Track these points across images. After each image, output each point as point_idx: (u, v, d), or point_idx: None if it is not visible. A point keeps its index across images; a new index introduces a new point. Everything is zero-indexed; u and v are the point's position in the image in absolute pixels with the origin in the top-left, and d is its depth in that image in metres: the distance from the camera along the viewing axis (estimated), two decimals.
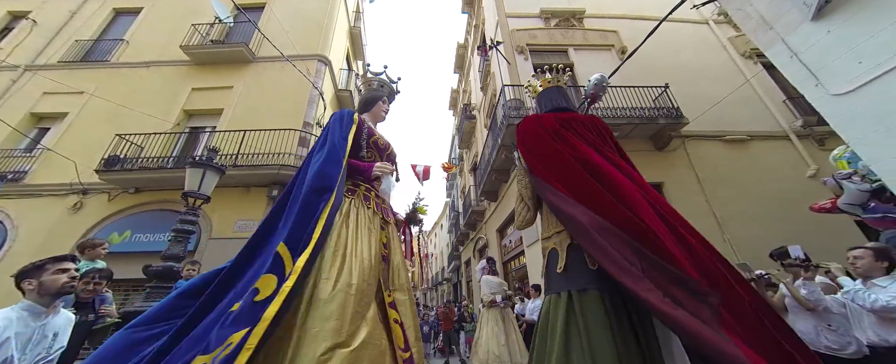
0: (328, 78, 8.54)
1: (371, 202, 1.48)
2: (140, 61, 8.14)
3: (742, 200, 5.55)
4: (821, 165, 5.77)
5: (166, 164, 6.27)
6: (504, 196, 8.06)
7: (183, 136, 7.17)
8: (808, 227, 5.04)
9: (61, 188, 6.44)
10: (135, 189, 6.41)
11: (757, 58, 7.29)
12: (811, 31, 1.76)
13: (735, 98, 6.31)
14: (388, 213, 1.58)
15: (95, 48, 8.49)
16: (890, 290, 1.79)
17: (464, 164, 14.23)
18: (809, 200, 3.58)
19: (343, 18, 10.28)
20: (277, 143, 6.41)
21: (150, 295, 3.14)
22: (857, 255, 2.00)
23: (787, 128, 6.37)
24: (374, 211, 1.47)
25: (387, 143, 1.71)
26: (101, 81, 7.70)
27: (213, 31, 8.28)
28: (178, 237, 3.36)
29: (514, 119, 5.78)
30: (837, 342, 2.07)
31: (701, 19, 8.04)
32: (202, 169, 3.54)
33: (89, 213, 6.30)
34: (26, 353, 1.23)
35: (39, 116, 7.58)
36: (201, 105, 7.58)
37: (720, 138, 6.32)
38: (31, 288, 1.31)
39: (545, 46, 7.73)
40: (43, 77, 7.63)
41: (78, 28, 8.79)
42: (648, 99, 6.18)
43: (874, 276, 1.91)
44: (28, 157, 6.88)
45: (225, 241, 5.90)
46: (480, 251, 11.68)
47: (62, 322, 1.39)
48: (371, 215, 1.43)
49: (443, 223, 23.53)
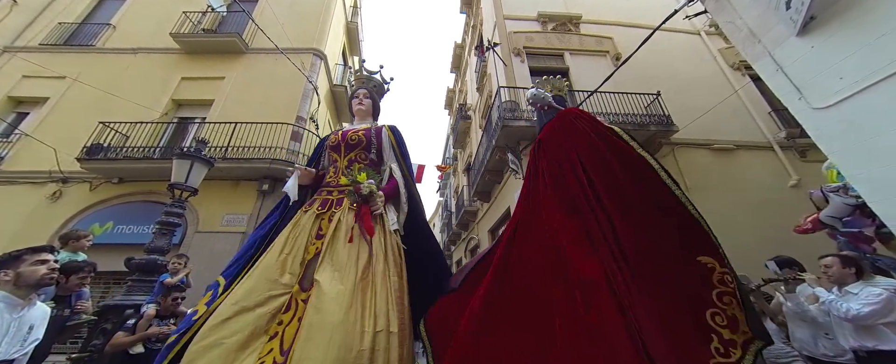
0: (323, 72, 8.43)
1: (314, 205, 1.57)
2: (127, 47, 7.89)
3: (727, 208, 5.70)
4: (802, 176, 5.97)
5: (152, 154, 6.09)
6: (497, 197, 8.11)
7: (171, 126, 6.98)
8: (791, 235, 5.22)
9: (40, 175, 6.20)
10: (118, 179, 6.21)
11: (745, 70, 7.50)
12: (796, 46, 1.82)
13: (723, 108, 6.49)
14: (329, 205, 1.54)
15: (80, 31, 8.19)
16: (861, 297, 1.86)
17: (458, 163, 14.25)
18: (791, 210, 3.71)
19: (340, 13, 10.16)
20: (269, 136, 6.30)
21: (132, 288, 3.06)
22: (827, 263, 2.07)
23: (772, 139, 6.58)
24: (314, 212, 1.52)
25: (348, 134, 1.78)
26: (85, 66, 7.42)
27: (205, 19, 8.07)
28: (163, 230, 3.28)
29: (510, 121, 5.82)
30: (834, 350, 2.11)
31: (693, 30, 8.23)
32: (190, 160, 3.46)
33: (69, 203, 6.08)
34: (1, 346, 1.19)
35: (18, 100, 7.27)
36: (191, 95, 7.39)
37: (708, 146, 6.48)
38: (7, 279, 1.26)
39: (542, 50, 7.79)
40: (23, 59, 7.33)
41: (61, 10, 8.47)
42: (640, 106, 6.30)
43: (847, 282, 1.98)
44: (4, 143, 6.60)
45: (212, 234, 5.77)
46: (472, 251, 11.73)
47: (38, 315, 1.34)
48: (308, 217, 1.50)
49: (435, 222, 23.53)
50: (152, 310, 2.70)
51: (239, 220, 5.93)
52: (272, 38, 6.40)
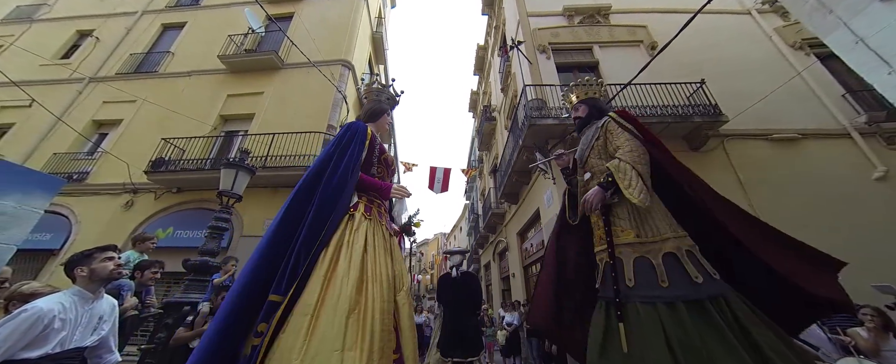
0: (351, 82, 8.82)
1: (383, 218, 1.55)
2: (183, 71, 8.85)
3: (792, 206, 5.02)
4: (890, 167, 5.10)
5: (204, 165, 6.73)
6: (525, 198, 7.87)
7: (219, 139, 7.69)
8: (875, 234, 4.46)
9: (116, 187, 7.12)
10: (177, 189, 6.94)
11: (809, 48, 6.62)
12: (881, 13, 1.54)
13: (783, 93, 5.75)
14: (390, 225, 1.64)
15: (146, 60, 9.34)
16: None
17: (483, 166, 14.10)
18: (876, 205, 3.16)
19: (366, 24, 10.60)
20: (303, 144, 6.69)
21: (189, 287, 3.37)
22: None
23: (848, 125, 5.70)
24: (385, 227, 1.54)
25: (392, 159, 1.80)
26: (150, 90, 8.45)
27: (246, 41, 8.83)
28: (214, 234, 3.58)
29: (536, 119, 5.63)
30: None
31: (742, 9, 7.45)
32: (235, 170, 3.75)
33: (139, 211, 6.91)
34: (76, 334, 1.34)
35: (100, 123, 8.44)
36: (235, 110, 8.10)
37: (765, 137, 5.78)
38: (83, 275, 1.44)
39: (568, 45, 7.49)
40: (103, 87, 8.51)
41: (132, 42, 9.74)
42: (682, 96, 5.78)
43: None
44: (90, 160, 7.68)
45: (255, 238, 6.22)
46: (500, 254, 11.48)
47: (107, 307, 1.51)
48: (382, 231, 1.49)
49: (462, 226, 23.42)
50: (206, 307, 2.95)
51: None
52: (305, 52, 6.82)
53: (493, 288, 12.42)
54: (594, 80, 1.93)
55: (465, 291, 4.05)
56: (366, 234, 1.38)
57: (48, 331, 1.25)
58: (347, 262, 1.25)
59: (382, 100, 1.88)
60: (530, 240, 8.10)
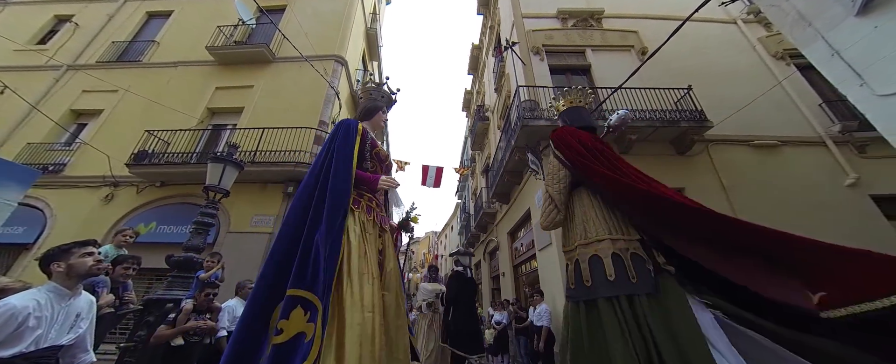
0: (344, 78, 8.70)
1: (372, 213, 1.54)
2: (169, 61, 8.56)
3: (771, 209, 5.23)
4: (861, 174, 5.36)
5: (190, 159, 6.54)
6: (516, 198, 7.94)
7: (206, 132, 7.48)
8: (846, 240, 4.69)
9: (95, 180, 6.85)
10: (161, 183, 6.72)
11: (790, 59, 6.89)
12: (855, 28, 1.62)
13: (765, 101, 5.98)
14: (385, 221, 1.63)
15: (130, 49, 9.00)
16: None
17: (476, 165, 14.15)
18: (847, 211, 3.33)
19: (360, 20, 10.47)
20: (294, 140, 6.57)
21: (172, 283, 3.28)
22: None
23: (823, 133, 5.97)
24: (374, 222, 1.53)
25: (386, 154, 1.78)
26: (133, 80, 8.14)
27: (236, 32, 8.60)
28: (199, 229, 3.49)
29: (529, 120, 5.69)
30: None
31: (728, 18, 7.67)
32: (222, 164, 3.67)
33: (119, 205, 6.66)
34: (51, 332, 1.29)
35: (78, 112, 8.10)
36: (224, 103, 7.89)
37: (747, 143, 5.99)
38: (61, 270, 1.38)
39: (562, 47, 7.57)
40: (83, 75, 8.16)
41: (115, 30, 9.35)
42: (670, 101, 5.94)
43: None
44: (67, 151, 7.36)
45: (242, 234, 6.09)
46: (491, 254, 11.56)
47: (85, 304, 1.46)
48: (371, 227, 1.50)
49: (453, 225, 23.48)
50: (190, 304, 2.88)
51: (266, 220, 6.22)
52: (297, 46, 6.69)
53: (483, 287, 12.50)
54: (578, 91, 1.99)
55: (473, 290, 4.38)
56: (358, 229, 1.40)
57: (22, 328, 1.20)
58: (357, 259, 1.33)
59: (378, 98, 1.87)
60: (521, 239, 8.19)
